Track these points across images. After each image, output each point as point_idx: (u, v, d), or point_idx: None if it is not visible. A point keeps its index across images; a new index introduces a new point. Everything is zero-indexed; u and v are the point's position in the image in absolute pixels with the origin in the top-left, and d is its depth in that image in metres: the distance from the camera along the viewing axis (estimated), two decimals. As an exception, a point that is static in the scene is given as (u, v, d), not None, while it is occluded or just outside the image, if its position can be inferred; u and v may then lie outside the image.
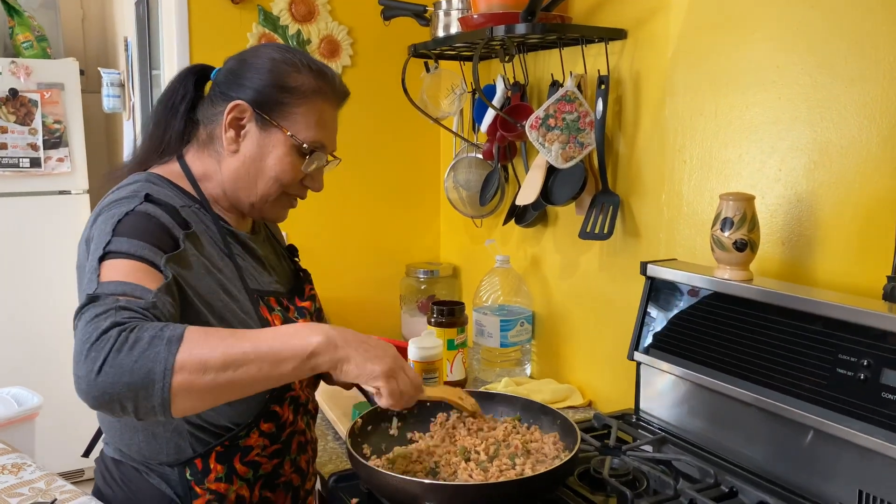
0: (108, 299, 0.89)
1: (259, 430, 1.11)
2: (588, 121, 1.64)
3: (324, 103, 1.14)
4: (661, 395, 1.47)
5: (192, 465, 1.08)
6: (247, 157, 1.13)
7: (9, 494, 1.09)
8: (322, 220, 2.24)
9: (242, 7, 2.06)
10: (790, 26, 1.29)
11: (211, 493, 1.09)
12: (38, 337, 3.05)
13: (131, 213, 1.01)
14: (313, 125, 1.13)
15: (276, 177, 1.13)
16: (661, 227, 1.58)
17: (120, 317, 0.87)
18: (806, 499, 1.18)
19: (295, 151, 1.13)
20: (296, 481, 1.21)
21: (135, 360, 0.83)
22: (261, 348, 0.89)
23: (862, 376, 1.08)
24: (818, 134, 1.27)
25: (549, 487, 1.16)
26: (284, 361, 0.90)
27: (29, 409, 2.35)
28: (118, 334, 0.84)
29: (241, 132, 1.12)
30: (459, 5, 1.83)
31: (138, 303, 0.90)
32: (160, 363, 0.84)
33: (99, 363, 0.83)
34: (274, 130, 1.12)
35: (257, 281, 1.17)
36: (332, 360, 0.93)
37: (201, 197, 1.14)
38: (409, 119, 2.22)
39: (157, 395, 0.84)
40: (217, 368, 0.86)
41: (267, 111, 1.11)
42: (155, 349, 0.84)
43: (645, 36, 1.59)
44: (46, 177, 3.10)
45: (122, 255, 0.96)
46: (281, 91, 1.11)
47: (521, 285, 1.96)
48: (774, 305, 1.22)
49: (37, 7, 3.38)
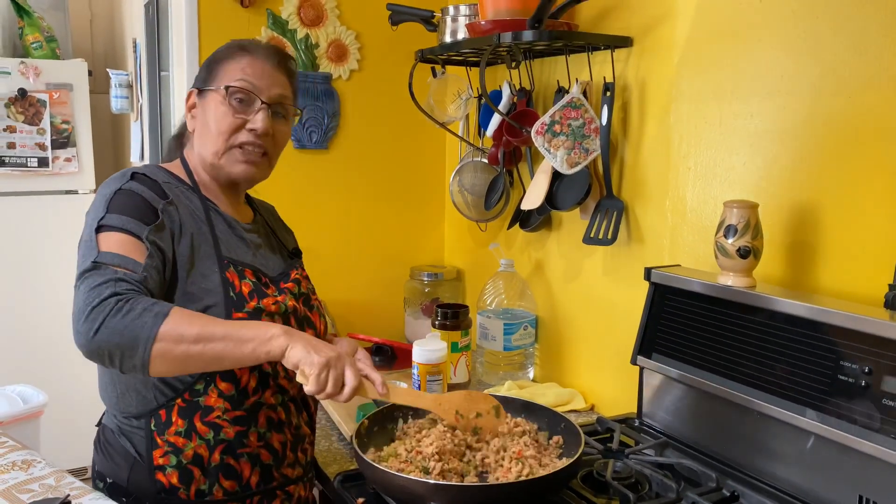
0: (107, 270, 1.08)
1: (217, 390, 1.20)
2: (593, 127, 1.65)
3: (244, 58, 1.27)
4: (663, 399, 1.49)
5: (156, 416, 1.20)
6: (199, 126, 1.30)
7: (20, 490, 1.10)
8: (327, 223, 2.26)
9: (252, 10, 2.08)
10: (795, 36, 1.31)
11: (169, 446, 1.19)
12: (44, 335, 3.07)
13: (119, 191, 1.20)
14: (237, 74, 1.26)
15: (219, 129, 1.26)
16: (665, 233, 1.59)
17: (119, 288, 1.05)
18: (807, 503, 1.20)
19: (224, 101, 1.25)
20: (265, 458, 1.24)
21: (126, 325, 1.02)
22: (229, 331, 1.06)
23: (863, 383, 1.09)
24: (822, 142, 1.28)
25: (553, 489, 1.17)
26: (247, 342, 1.06)
27: (34, 407, 2.36)
28: (115, 302, 1.03)
29: (194, 112, 1.31)
30: (467, 11, 1.84)
31: (132, 276, 1.09)
32: (145, 331, 1.02)
33: (97, 324, 1.02)
34: (208, 94, 1.28)
35: (234, 252, 1.27)
36: (283, 344, 1.07)
37: (193, 183, 1.30)
38: (415, 123, 2.23)
39: (139, 356, 1.03)
40: (190, 341, 1.04)
41: (202, 84, 1.30)
42: (143, 319, 1.03)
43: (651, 44, 1.60)
44: (54, 176, 3.12)
45: (114, 228, 1.14)
46: (211, 64, 1.30)
47: (525, 289, 1.98)
48: (777, 312, 1.23)
49: (46, 8, 3.41)
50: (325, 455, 1.50)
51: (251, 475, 1.23)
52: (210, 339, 1.05)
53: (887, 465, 1.06)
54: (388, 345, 2.06)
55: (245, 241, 1.31)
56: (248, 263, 1.26)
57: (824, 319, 1.16)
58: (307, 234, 2.08)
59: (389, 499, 1.19)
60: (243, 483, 1.22)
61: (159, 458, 1.19)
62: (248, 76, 1.25)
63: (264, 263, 1.31)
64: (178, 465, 1.19)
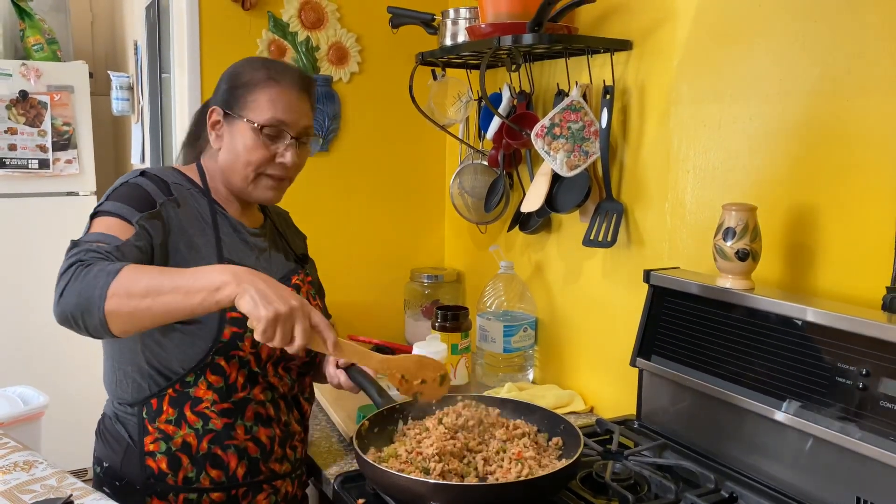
0: (83, 245, 1.12)
1: (207, 382, 1.25)
2: (593, 130, 1.66)
3: (273, 88, 1.29)
4: (662, 401, 1.49)
5: (148, 404, 1.26)
6: (226, 149, 1.32)
7: (21, 491, 1.11)
8: (328, 225, 2.26)
9: (253, 13, 2.09)
10: (794, 39, 1.32)
11: (160, 433, 1.25)
12: (45, 336, 3.06)
13: (125, 183, 1.26)
14: (267, 108, 1.28)
15: (247, 159, 1.29)
16: (665, 236, 1.60)
17: (84, 256, 1.09)
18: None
19: (256, 134, 1.28)
20: (252, 451, 1.29)
21: (83, 287, 1.05)
22: (177, 282, 1.06)
23: (861, 385, 1.10)
24: (819, 145, 1.29)
25: (552, 490, 1.18)
26: (195, 293, 1.05)
27: (35, 408, 2.36)
28: (77, 268, 1.08)
29: (219, 131, 1.32)
30: (467, 14, 1.85)
31: (105, 247, 1.12)
32: (98, 290, 1.05)
33: (61, 289, 1.07)
34: (238, 122, 1.29)
35: (236, 255, 1.31)
36: (231, 294, 1.05)
37: (205, 187, 1.34)
38: (415, 125, 2.24)
39: (95, 315, 1.05)
40: (140, 295, 1.05)
41: (230, 107, 1.30)
42: (97, 280, 1.05)
43: (650, 47, 1.61)
44: (55, 178, 3.12)
45: (106, 213, 1.20)
46: (238, 88, 1.31)
47: (524, 291, 1.98)
48: (775, 314, 1.24)
49: (47, 10, 3.42)
50: (325, 456, 1.51)
51: (237, 467, 1.27)
52: (158, 292, 1.05)
53: (885, 467, 1.07)
54: (389, 346, 2.06)
55: (249, 244, 1.35)
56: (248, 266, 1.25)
57: (822, 322, 1.16)
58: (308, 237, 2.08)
59: (389, 499, 1.20)
60: (230, 474, 1.27)
61: (150, 444, 1.25)
62: (279, 111, 1.28)
63: (266, 268, 1.33)
64: (167, 451, 1.25)
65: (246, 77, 1.31)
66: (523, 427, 1.31)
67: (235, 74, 1.33)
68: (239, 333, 1.24)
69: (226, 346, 1.25)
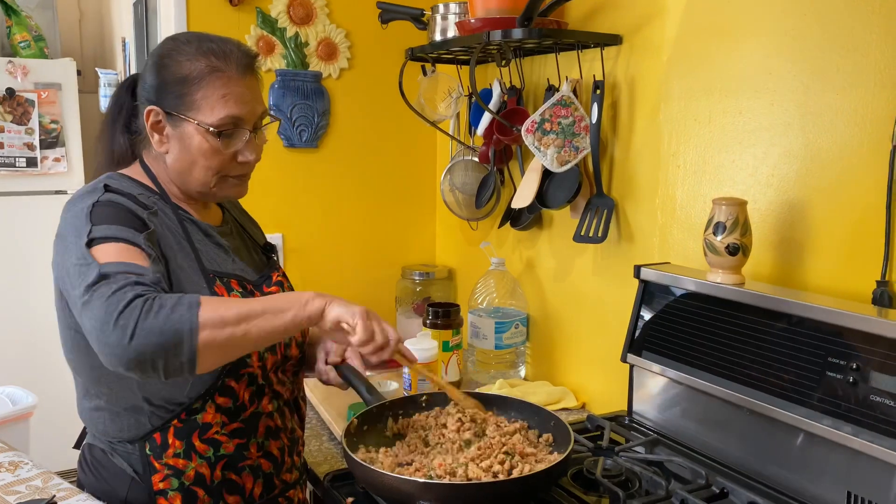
0: (119, 276, 0.98)
1: (215, 405, 1.15)
2: (583, 125, 1.65)
3: (220, 81, 1.14)
4: (653, 397, 1.49)
5: (151, 440, 1.14)
6: (176, 153, 1.17)
7: (6, 492, 1.10)
8: (318, 222, 2.25)
9: (241, 9, 2.07)
10: (784, 33, 1.31)
11: (169, 469, 1.14)
12: (33, 336, 3.05)
13: (97, 203, 1.09)
14: (218, 105, 1.13)
15: (205, 165, 1.16)
16: (655, 231, 1.60)
17: (139, 290, 0.97)
18: (795, 500, 1.20)
19: (210, 136, 1.14)
20: (266, 467, 1.22)
21: (163, 322, 0.94)
22: (267, 304, 1.03)
23: (851, 379, 1.10)
24: (810, 140, 1.28)
25: (543, 487, 1.17)
26: (285, 312, 1.03)
27: (24, 409, 2.35)
28: (143, 303, 0.95)
29: (162, 134, 1.17)
30: (457, 9, 1.84)
31: (145, 278, 1.00)
32: (186, 323, 0.95)
33: (130, 329, 0.93)
34: (184, 123, 1.14)
35: (216, 263, 1.20)
36: (321, 305, 1.05)
37: (161, 190, 1.20)
38: (405, 122, 2.23)
39: (186, 351, 0.95)
40: (234, 322, 0.98)
41: (172, 108, 1.14)
42: (178, 312, 0.95)
43: (640, 42, 1.60)
44: (43, 176, 3.10)
45: (107, 239, 1.04)
46: (175, 84, 1.14)
47: (515, 288, 1.98)
48: (766, 309, 1.24)
49: (34, 7, 3.39)
50: (315, 454, 1.50)
51: (254, 486, 1.20)
52: (250, 316, 1.00)
53: (875, 461, 1.07)
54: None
55: (223, 247, 1.24)
56: (231, 273, 1.21)
57: (813, 316, 1.16)
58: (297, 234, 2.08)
59: (379, 498, 1.19)
60: (247, 496, 1.20)
61: (159, 483, 1.14)
62: (231, 107, 1.13)
63: (243, 268, 1.25)
64: (180, 487, 1.14)
65: (184, 70, 1.13)
66: (514, 423, 1.30)
67: (168, 66, 1.14)
68: None
69: (234, 367, 1.16)
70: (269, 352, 1.21)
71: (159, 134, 1.17)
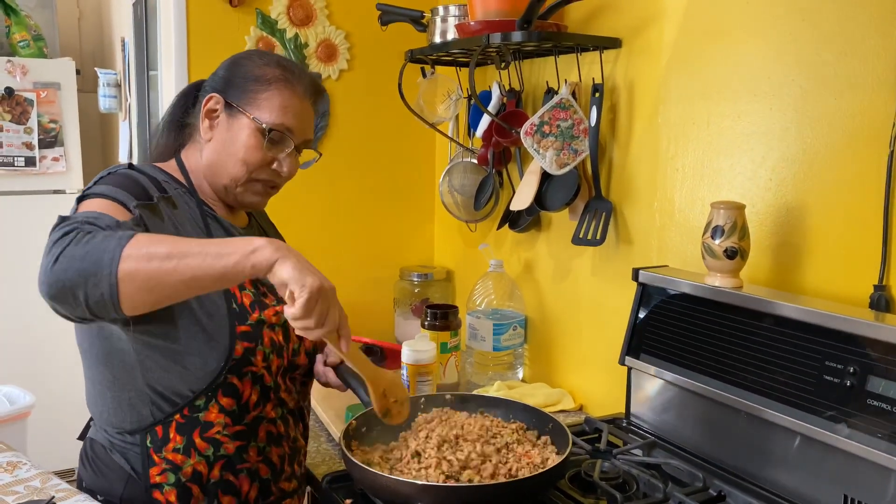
0: (77, 217, 0.99)
1: (219, 405, 1.15)
2: (582, 128, 1.66)
3: (287, 91, 1.20)
4: (651, 399, 1.49)
5: (152, 433, 1.15)
6: (219, 142, 1.21)
7: (4, 493, 1.10)
8: (317, 223, 2.25)
9: (241, 10, 2.07)
10: (782, 37, 1.32)
11: (167, 463, 1.15)
12: (31, 336, 3.04)
13: (113, 172, 1.15)
14: (276, 110, 1.19)
15: (243, 159, 1.19)
16: (653, 234, 1.60)
17: (81, 227, 0.96)
18: (792, 503, 1.20)
19: (259, 135, 1.19)
20: (264, 472, 1.21)
21: (87, 250, 0.92)
22: (209, 245, 0.95)
23: (848, 383, 1.10)
24: (808, 144, 1.29)
25: (541, 489, 1.17)
26: (227, 256, 0.94)
27: (21, 408, 2.35)
28: (76, 234, 0.94)
29: (214, 121, 1.22)
30: (456, 12, 1.84)
31: (100, 221, 0.99)
32: (109, 252, 0.91)
33: (56, 255, 0.92)
34: (240, 116, 1.19)
35: None
36: (270, 257, 0.94)
37: (190, 186, 1.23)
38: (405, 123, 2.23)
39: (104, 280, 0.91)
40: (161, 258, 0.92)
41: (234, 99, 1.20)
42: (106, 242, 0.93)
43: (639, 45, 1.61)
44: (41, 176, 3.10)
45: (97, 195, 1.08)
46: (246, 80, 1.20)
47: (514, 290, 1.98)
48: (763, 312, 1.24)
49: (33, 6, 3.39)
50: (313, 456, 1.50)
51: (250, 490, 1.20)
52: (184, 254, 0.92)
53: (872, 465, 1.07)
54: (378, 345, 2.05)
55: None
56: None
57: (810, 320, 1.16)
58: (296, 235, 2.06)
59: (377, 499, 1.19)
60: (242, 499, 1.20)
61: (156, 476, 1.15)
62: (289, 117, 1.19)
63: None
64: (176, 482, 1.15)
65: (257, 70, 1.20)
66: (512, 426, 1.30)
67: (243, 64, 1.22)
68: (251, 348, 1.17)
69: (238, 364, 1.16)
70: (275, 354, 1.21)
71: (210, 120, 1.22)
